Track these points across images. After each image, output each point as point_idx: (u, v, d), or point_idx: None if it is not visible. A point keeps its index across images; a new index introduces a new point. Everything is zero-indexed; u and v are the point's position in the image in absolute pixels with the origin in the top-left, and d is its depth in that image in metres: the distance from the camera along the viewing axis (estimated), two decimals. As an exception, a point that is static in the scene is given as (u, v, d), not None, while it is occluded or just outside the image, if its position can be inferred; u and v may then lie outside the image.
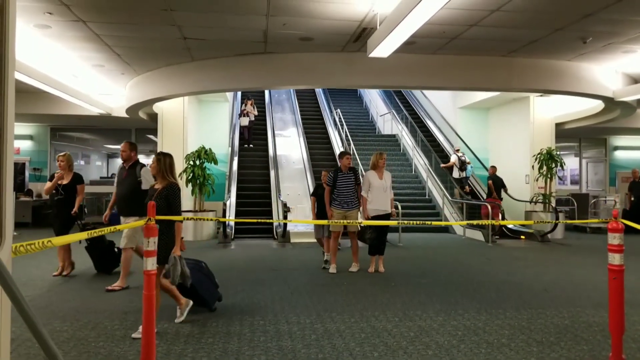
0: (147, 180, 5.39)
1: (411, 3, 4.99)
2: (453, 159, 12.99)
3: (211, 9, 6.22)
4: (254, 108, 14.84)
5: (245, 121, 14.49)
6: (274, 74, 8.50)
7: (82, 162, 16.08)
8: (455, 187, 12.72)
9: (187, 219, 4.43)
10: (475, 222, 10.46)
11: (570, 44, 7.57)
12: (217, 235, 10.36)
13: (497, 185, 11.84)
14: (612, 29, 6.84)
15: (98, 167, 16.29)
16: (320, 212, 7.29)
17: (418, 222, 6.11)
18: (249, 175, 13.08)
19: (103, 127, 14.72)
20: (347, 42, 7.62)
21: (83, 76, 9.76)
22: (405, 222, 5.85)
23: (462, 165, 12.69)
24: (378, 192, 6.55)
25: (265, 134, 14.91)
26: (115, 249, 6.45)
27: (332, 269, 6.61)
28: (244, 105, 14.90)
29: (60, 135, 14.83)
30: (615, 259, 3.62)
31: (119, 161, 17.14)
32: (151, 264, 3.48)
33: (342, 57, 8.24)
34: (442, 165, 13.35)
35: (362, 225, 6.64)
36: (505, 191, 11.99)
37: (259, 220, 6.36)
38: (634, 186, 13.11)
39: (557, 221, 10.39)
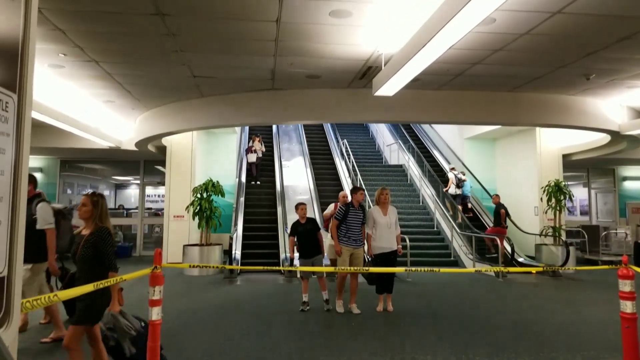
0: (44, 219, 4.73)
1: (415, 46, 5.10)
2: (450, 176, 13.34)
3: (221, 51, 6.38)
4: (261, 145, 14.81)
5: (252, 157, 14.39)
6: (281, 110, 8.62)
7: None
8: (447, 201, 12.93)
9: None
10: (494, 269, 10.31)
11: (574, 80, 7.65)
12: (223, 269, 10.32)
13: (500, 214, 11.86)
14: (615, 66, 6.91)
15: (106, 198, 16.36)
16: (306, 250, 6.71)
17: (426, 269, 6.02)
18: (256, 207, 13.10)
19: (112, 159, 14.89)
20: (353, 79, 7.75)
21: (94, 111, 9.94)
22: (413, 269, 5.78)
23: (459, 183, 12.99)
24: (382, 229, 6.41)
25: (273, 170, 14.78)
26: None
27: (339, 307, 6.49)
28: (251, 142, 14.85)
29: (70, 166, 15.00)
30: (627, 307, 3.56)
31: (127, 192, 17.37)
32: (156, 313, 3.46)
33: (348, 94, 8.37)
34: (444, 189, 13.41)
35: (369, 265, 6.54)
36: (509, 218, 11.98)
37: (266, 268, 6.28)
38: None
39: (573, 268, 10.25)
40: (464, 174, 13.43)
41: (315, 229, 6.77)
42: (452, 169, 13.71)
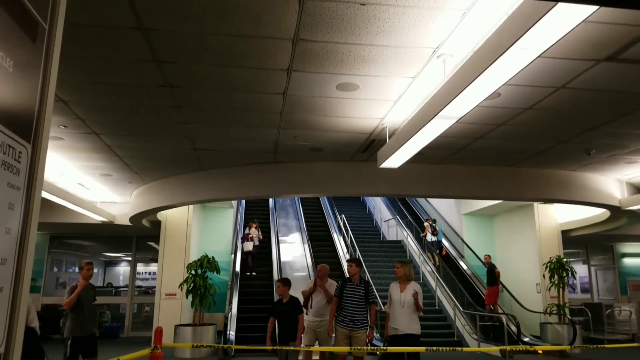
0: None
1: (420, 121, 5.11)
2: (426, 225, 14.49)
3: (226, 122, 6.37)
4: (258, 232, 13.48)
5: (249, 246, 13.04)
6: (282, 183, 8.54)
7: (77, 270, 15.66)
8: (430, 250, 13.96)
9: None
10: (500, 347, 9.85)
11: (575, 155, 7.71)
12: (217, 351, 9.72)
13: (494, 274, 11.91)
14: (615, 141, 6.99)
15: (94, 276, 15.81)
16: (281, 336, 6.04)
17: (446, 348, 5.60)
18: (251, 286, 12.58)
19: (103, 235, 14.54)
20: (356, 152, 7.75)
21: (89, 185, 9.80)
22: (434, 348, 5.36)
23: (434, 231, 14.21)
24: (396, 308, 5.67)
25: (270, 257, 13.61)
26: None
27: None
28: (247, 228, 13.52)
29: (59, 242, 14.58)
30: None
31: (117, 269, 16.80)
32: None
33: (350, 167, 8.34)
34: (422, 234, 14.52)
35: (383, 349, 5.91)
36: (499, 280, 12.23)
37: (263, 348, 5.73)
38: None
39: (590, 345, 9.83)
40: (435, 221, 14.69)
41: (294, 311, 5.99)
42: (427, 219, 14.81)
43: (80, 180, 9.46)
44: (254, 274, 12.98)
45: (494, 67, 3.48)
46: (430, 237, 14.20)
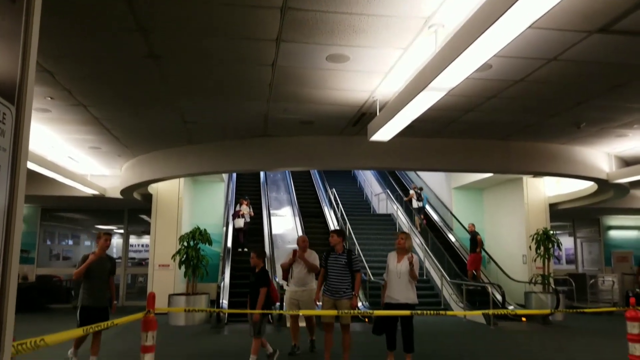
0: None
1: (413, 92, 5.09)
2: (411, 192, 14.94)
3: (214, 95, 6.31)
4: (250, 208, 13.42)
5: (240, 223, 13.02)
6: (272, 157, 8.53)
7: (70, 243, 15.69)
8: (416, 216, 14.51)
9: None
10: (485, 312, 10.09)
11: (565, 128, 7.75)
12: (210, 319, 9.88)
13: (476, 241, 12.33)
14: (606, 114, 7.03)
15: (87, 248, 15.87)
16: (252, 304, 5.99)
17: (432, 312, 5.74)
18: (244, 254, 12.69)
19: (95, 208, 14.51)
20: (346, 125, 7.73)
21: (78, 158, 9.72)
22: (419, 312, 5.50)
23: (419, 197, 14.65)
24: (392, 278, 5.80)
25: (262, 231, 13.65)
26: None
27: None
28: (238, 205, 13.46)
29: (51, 215, 14.57)
30: (636, 349, 3.43)
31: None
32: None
33: (340, 140, 8.34)
34: (405, 198, 15.18)
35: (373, 316, 5.95)
36: (483, 248, 12.71)
37: (253, 312, 5.79)
38: None
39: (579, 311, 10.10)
40: (421, 189, 15.07)
41: (257, 282, 5.96)
42: (415, 187, 15.26)
43: (70, 154, 9.38)
44: (245, 250, 12.94)
45: (485, 37, 3.47)
46: (415, 204, 14.71)
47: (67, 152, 9.22)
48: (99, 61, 5.20)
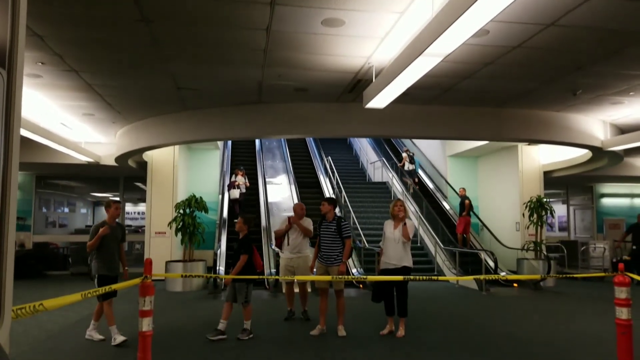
0: None
1: (409, 57, 5.04)
2: (404, 155, 15.16)
3: (208, 60, 6.23)
4: (245, 179, 13.27)
5: (235, 193, 12.80)
6: (267, 124, 8.49)
7: (66, 210, 15.73)
8: (407, 179, 14.74)
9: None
10: (483, 277, 10.25)
11: (561, 95, 7.73)
12: (207, 285, 10.04)
13: (464, 205, 12.61)
14: (602, 81, 7.00)
15: (83, 216, 15.92)
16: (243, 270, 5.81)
17: (423, 277, 5.87)
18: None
19: (90, 176, 14.48)
20: (342, 92, 7.68)
21: (72, 124, 9.64)
22: (412, 277, 5.62)
23: (411, 160, 14.97)
24: (389, 244, 5.90)
25: (258, 200, 13.57)
26: None
27: (317, 331, 5.93)
28: (234, 176, 13.21)
29: (46, 183, 14.54)
30: (623, 313, 3.51)
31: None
32: (146, 324, 3.28)
33: (336, 107, 8.29)
34: (399, 164, 15.28)
35: (369, 282, 6.09)
36: (473, 211, 12.93)
37: (250, 278, 5.84)
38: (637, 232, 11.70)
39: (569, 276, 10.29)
40: (414, 154, 15.37)
41: (238, 249, 5.92)
42: (407, 150, 15.51)
43: (63, 120, 9.29)
44: None
45: (482, 0, 3.41)
46: (408, 166, 15.00)
47: (60, 118, 9.13)
48: (90, 25, 5.10)
